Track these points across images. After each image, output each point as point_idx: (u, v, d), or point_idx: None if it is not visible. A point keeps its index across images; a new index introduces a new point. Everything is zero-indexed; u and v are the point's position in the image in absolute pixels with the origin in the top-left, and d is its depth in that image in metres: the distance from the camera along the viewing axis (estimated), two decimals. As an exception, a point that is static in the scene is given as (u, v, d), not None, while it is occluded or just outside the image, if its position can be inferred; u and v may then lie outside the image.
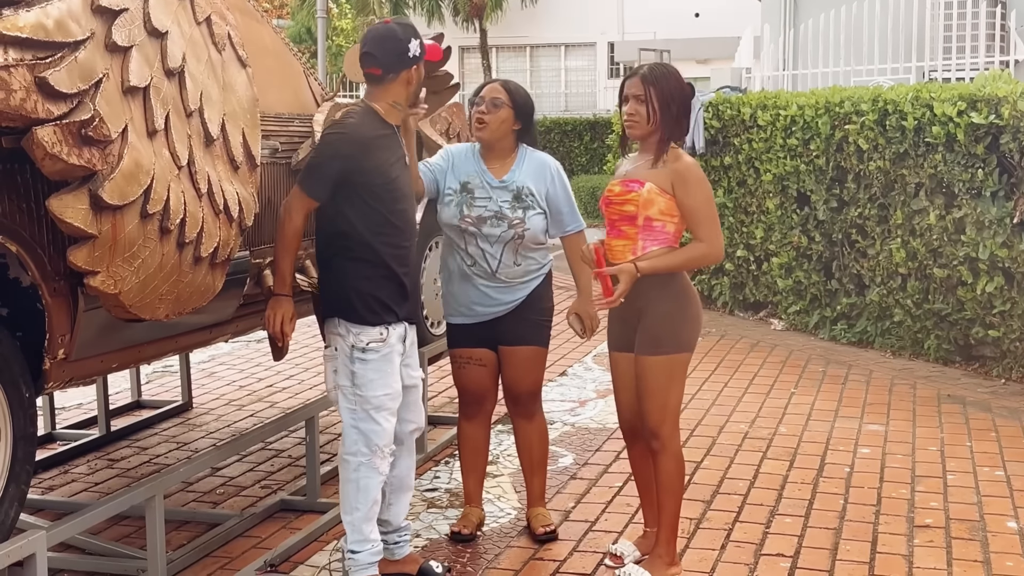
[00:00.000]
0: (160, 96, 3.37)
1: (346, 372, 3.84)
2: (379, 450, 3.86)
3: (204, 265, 3.57)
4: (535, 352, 4.47)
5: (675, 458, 4.02)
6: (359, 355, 3.81)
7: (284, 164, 4.53)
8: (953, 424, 6.08)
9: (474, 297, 4.41)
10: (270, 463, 5.58)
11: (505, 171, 4.36)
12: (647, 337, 3.96)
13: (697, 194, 3.90)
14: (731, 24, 23.57)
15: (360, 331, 3.81)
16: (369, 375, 3.82)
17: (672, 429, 4.01)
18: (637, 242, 3.94)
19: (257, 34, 4.61)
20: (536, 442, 4.61)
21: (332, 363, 3.90)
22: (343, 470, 3.91)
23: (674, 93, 3.94)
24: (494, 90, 4.36)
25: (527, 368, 4.47)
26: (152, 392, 6.99)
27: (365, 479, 3.86)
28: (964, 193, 7.02)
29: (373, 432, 3.84)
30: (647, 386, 3.97)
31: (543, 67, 32.62)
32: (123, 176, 3.10)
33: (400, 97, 3.93)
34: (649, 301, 3.94)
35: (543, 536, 4.48)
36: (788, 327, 8.74)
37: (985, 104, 6.82)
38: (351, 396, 3.85)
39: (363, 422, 3.84)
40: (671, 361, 3.96)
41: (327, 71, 16.09)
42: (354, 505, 3.88)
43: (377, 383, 3.83)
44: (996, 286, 6.84)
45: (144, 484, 3.88)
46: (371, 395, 3.83)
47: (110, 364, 3.76)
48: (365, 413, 3.84)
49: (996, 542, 4.44)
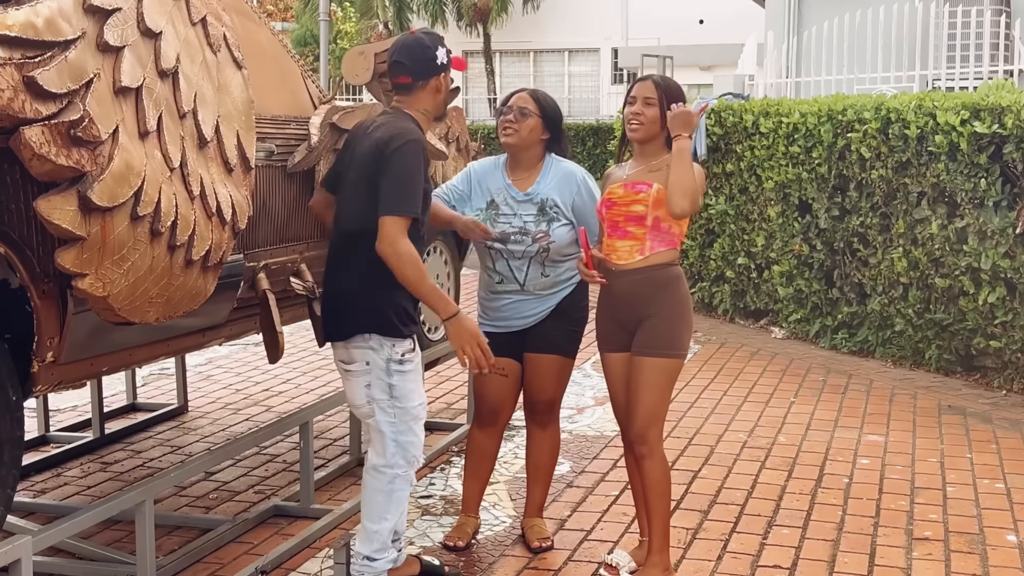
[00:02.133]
0: (153, 97, 3.33)
1: (383, 385, 3.78)
2: (416, 461, 3.87)
3: (196, 268, 3.52)
4: (560, 362, 4.40)
5: (662, 463, 4.04)
6: (397, 367, 3.77)
7: (280, 167, 4.49)
8: (953, 435, 6.04)
9: (506, 312, 4.36)
10: (264, 468, 5.53)
11: (530, 183, 4.32)
12: (650, 339, 3.98)
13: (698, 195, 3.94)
14: (735, 31, 23.55)
15: (395, 343, 3.75)
16: (408, 385, 3.79)
17: (658, 434, 4.03)
18: (645, 242, 3.98)
19: (254, 35, 4.58)
20: (547, 452, 4.55)
21: (363, 378, 3.82)
22: (375, 480, 3.85)
23: (677, 96, 4.03)
24: (522, 99, 4.31)
25: (550, 377, 4.40)
26: (148, 395, 6.95)
27: (399, 491, 3.85)
28: (966, 203, 6.98)
29: (411, 444, 3.83)
30: (642, 387, 3.98)
31: (546, 72, 32.61)
32: (113, 177, 3.06)
33: (429, 105, 3.92)
34: (656, 304, 3.97)
35: (538, 549, 4.42)
36: (789, 335, 8.70)
37: (988, 113, 6.78)
38: (390, 409, 3.80)
39: (403, 435, 3.81)
40: (670, 364, 3.99)
41: (330, 75, 16.03)
42: (383, 515, 3.85)
43: (414, 393, 3.82)
44: (998, 296, 6.80)
45: (134, 489, 3.84)
46: (410, 406, 3.81)
47: (100, 367, 3.72)
48: (405, 425, 3.81)
49: (995, 555, 4.40)
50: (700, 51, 26.17)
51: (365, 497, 3.89)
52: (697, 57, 26.07)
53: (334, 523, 4.68)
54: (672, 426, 6.20)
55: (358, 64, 4.87)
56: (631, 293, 4.00)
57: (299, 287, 4.57)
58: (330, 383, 7.28)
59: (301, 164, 4.54)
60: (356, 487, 5.20)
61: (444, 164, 5.98)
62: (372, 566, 3.88)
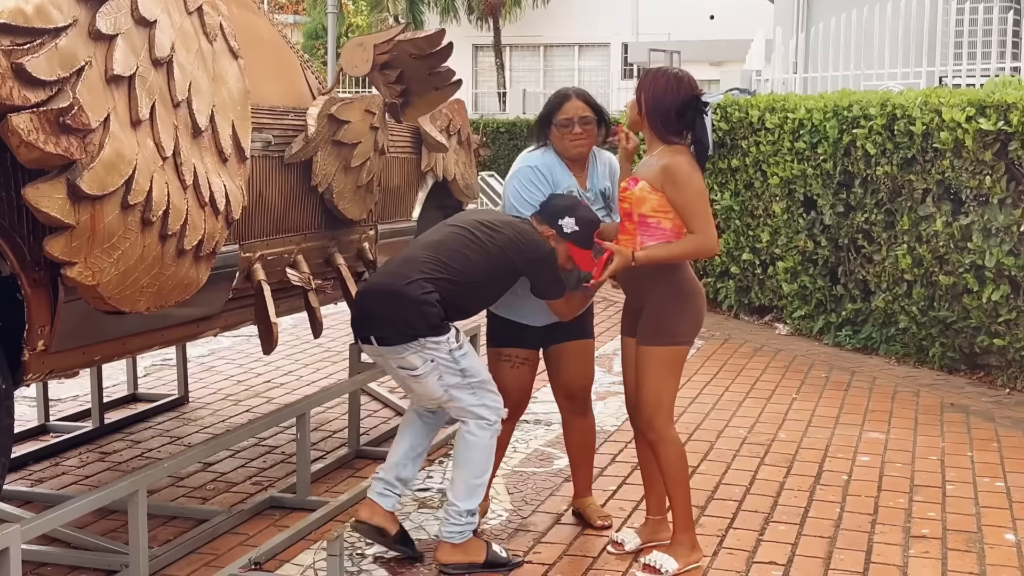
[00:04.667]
0: (146, 86, 3.31)
1: (454, 373, 4.07)
2: (503, 412, 4.19)
3: (188, 258, 3.51)
4: (590, 345, 4.60)
5: (674, 446, 4.15)
6: (459, 353, 4.06)
7: (277, 157, 4.48)
8: (955, 433, 6.00)
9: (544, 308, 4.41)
10: (262, 459, 5.53)
11: (585, 177, 4.44)
12: (647, 328, 4.12)
13: (685, 190, 4.00)
14: (745, 26, 23.48)
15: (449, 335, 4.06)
16: (472, 362, 4.12)
17: (666, 420, 4.14)
18: (636, 237, 4.08)
19: (252, 25, 4.56)
20: (591, 436, 4.74)
21: (432, 376, 4.07)
22: (475, 438, 4.13)
23: (657, 92, 4.08)
24: (580, 108, 4.35)
25: (586, 361, 4.58)
26: (149, 385, 6.95)
27: (494, 445, 4.19)
28: (971, 200, 6.94)
29: (495, 400, 4.15)
30: (643, 375, 4.13)
31: (556, 67, 32.57)
32: (103, 166, 3.05)
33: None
34: (651, 293, 4.11)
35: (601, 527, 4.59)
36: (792, 332, 8.67)
37: (994, 110, 6.74)
38: (468, 388, 4.10)
39: (487, 398, 4.13)
40: (668, 353, 4.10)
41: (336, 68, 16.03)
42: (485, 468, 4.17)
43: (477, 363, 4.15)
44: (1002, 294, 6.76)
45: (127, 478, 3.83)
46: (482, 376, 4.14)
47: (92, 356, 3.71)
48: (484, 391, 4.12)
49: (993, 554, 4.37)
50: (709, 46, 26.09)
51: (465, 456, 4.14)
52: (706, 52, 25.99)
53: (330, 515, 4.67)
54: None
55: (357, 56, 4.84)
56: (629, 283, 4.21)
57: (295, 278, 4.55)
58: (332, 375, 7.28)
59: (299, 155, 4.52)
60: (353, 479, 5.20)
61: (445, 157, 5.97)
62: (472, 521, 4.16)
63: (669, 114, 4.06)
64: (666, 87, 4.07)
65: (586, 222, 4.19)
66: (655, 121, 4.08)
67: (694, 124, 4.06)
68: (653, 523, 4.39)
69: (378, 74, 5.00)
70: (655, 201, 4.02)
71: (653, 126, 4.09)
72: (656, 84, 4.09)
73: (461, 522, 4.13)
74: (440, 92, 5.42)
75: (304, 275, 4.60)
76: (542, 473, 5.30)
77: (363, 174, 4.87)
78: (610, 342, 8.40)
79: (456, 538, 4.14)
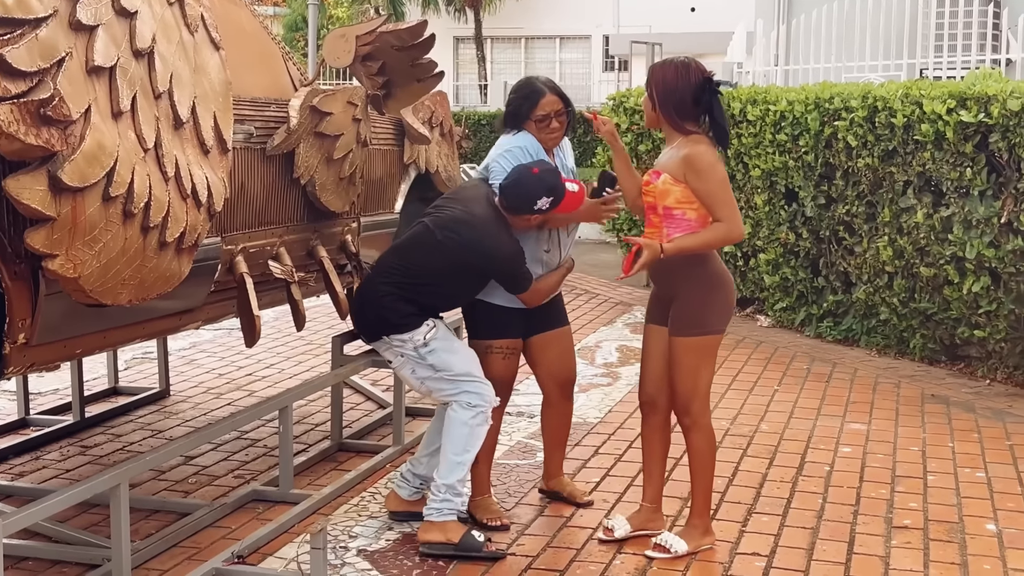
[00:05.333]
0: (127, 77, 3.29)
1: (425, 368, 4.24)
2: (493, 399, 4.26)
3: (170, 250, 3.49)
4: (569, 331, 4.73)
5: (706, 433, 4.25)
6: (425, 349, 4.21)
7: (259, 149, 4.46)
8: (936, 424, 6.03)
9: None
10: (245, 452, 5.51)
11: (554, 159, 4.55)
12: (679, 319, 4.18)
13: (709, 179, 4.06)
14: (726, 19, 23.48)
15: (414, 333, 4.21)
16: (443, 356, 4.22)
17: (702, 406, 4.22)
18: (662, 230, 4.14)
19: (234, 17, 4.54)
20: (569, 420, 4.84)
21: (406, 369, 4.30)
22: (459, 415, 4.23)
23: (669, 82, 4.12)
24: (554, 103, 4.44)
25: (570, 348, 4.71)
26: (130, 379, 6.92)
27: (480, 427, 4.25)
28: (952, 192, 6.97)
29: (481, 387, 4.24)
30: (677, 365, 4.19)
31: (538, 59, 32.54)
32: (84, 157, 3.03)
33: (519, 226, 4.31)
34: (682, 284, 4.17)
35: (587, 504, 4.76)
36: (774, 324, 8.69)
37: (975, 102, 6.76)
38: (443, 380, 4.25)
39: (468, 386, 4.22)
40: (701, 342, 4.17)
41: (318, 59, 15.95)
42: (467, 447, 4.25)
43: (454, 358, 4.24)
44: (982, 286, 6.79)
45: (109, 472, 3.81)
46: (458, 369, 4.23)
47: (74, 350, 3.69)
48: (463, 382, 4.22)
49: (974, 544, 4.39)
50: (690, 39, 26.03)
51: (449, 432, 4.24)
52: (687, 45, 25.85)
53: (312, 508, 4.66)
54: (655, 413, 6.18)
55: (339, 47, 4.83)
56: (660, 274, 4.27)
57: (278, 271, 4.53)
58: (314, 368, 7.26)
59: (281, 147, 4.50)
60: (336, 472, 5.19)
61: (427, 149, 5.95)
62: (453, 500, 4.24)
63: (686, 101, 4.10)
64: (676, 75, 4.12)
65: (552, 187, 4.23)
66: (670, 112, 4.12)
67: (711, 107, 4.13)
68: (647, 511, 4.43)
69: (360, 65, 4.99)
70: (679, 193, 4.08)
71: (669, 117, 4.13)
72: (666, 75, 4.14)
73: (439, 498, 4.24)
74: (422, 84, 5.41)
75: (287, 268, 4.58)
76: (525, 465, 5.30)
77: (345, 166, 4.85)
78: (592, 334, 8.41)
79: (435, 516, 4.24)
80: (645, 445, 4.47)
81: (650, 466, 4.45)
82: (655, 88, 4.14)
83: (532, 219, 4.29)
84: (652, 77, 4.17)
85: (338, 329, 6.21)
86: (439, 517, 4.23)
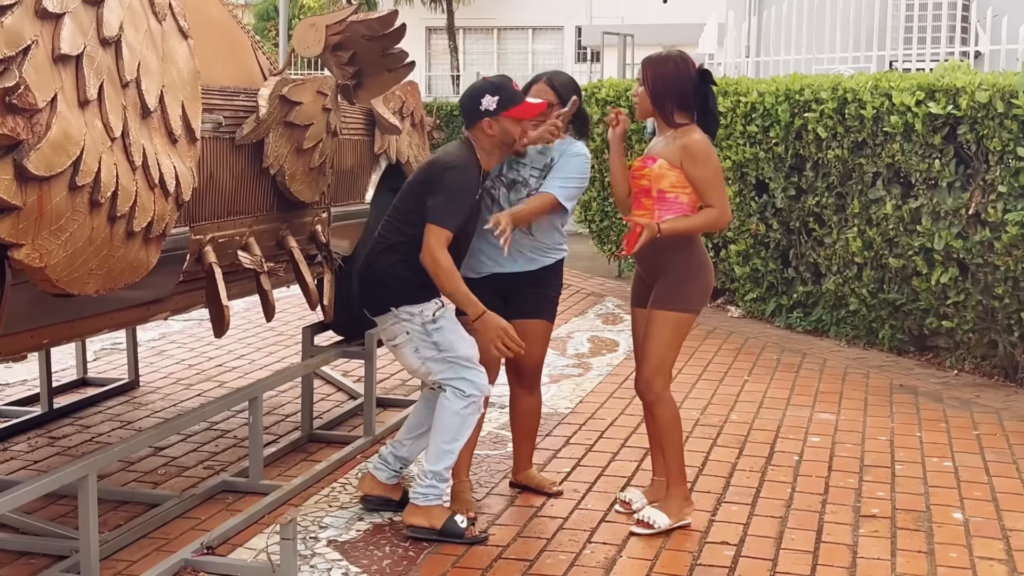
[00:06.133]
0: (94, 65, 3.26)
1: (428, 346, 4.24)
2: (486, 388, 4.29)
3: (137, 240, 3.47)
4: (545, 326, 4.72)
5: (670, 406, 4.43)
6: (432, 327, 4.23)
7: (228, 139, 4.43)
8: (904, 414, 6.07)
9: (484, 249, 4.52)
10: (214, 443, 5.49)
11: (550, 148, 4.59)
12: (661, 293, 4.38)
13: (705, 167, 4.28)
14: (698, 10, 23.52)
15: (422, 308, 4.23)
16: (449, 337, 4.24)
17: (665, 381, 4.41)
18: (654, 212, 4.34)
19: (202, 5, 4.51)
20: (536, 413, 4.86)
21: (408, 347, 4.28)
22: (451, 404, 4.25)
23: (669, 75, 4.31)
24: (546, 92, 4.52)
25: (540, 341, 4.69)
26: (99, 370, 6.88)
27: (471, 416, 4.27)
28: (921, 183, 7.01)
29: (476, 376, 4.26)
30: (650, 337, 4.38)
31: (510, 50, 32.49)
32: (51, 146, 3.01)
33: (485, 144, 4.28)
34: (668, 264, 4.37)
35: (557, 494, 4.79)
36: (745, 314, 8.73)
37: (943, 94, 6.80)
38: (444, 362, 4.25)
39: (465, 372, 4.24)
40: (679, 318, 4.37)
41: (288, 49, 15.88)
42: (456, 436, 4.27)
43: (458, 341, 4.25)
44: (950, 277, 6.83)
45: (77, 463, 3.79)
46: (460, 352, 4.24)
47: (41, 340, 3.67)
48: (462, 366, 4.24)
49: (941, 533, 4.43)
50: (662, 30, 26.10)
51: (441, 419, 4.27)
52: (659, 36, 25.96)
53: (283, 499, 4.65)
54: (626, 404, 6.21)
55: (309, 36, 4.80)
56: (647, 255, 4.40)
57: (247, 261, 4.51)
58: (285, 359, 7.24)
59: (250, 136, 4.48)
60: (306, 463, 5.18)
61: (398, 139, 5.94)
62: (439, 487, 4.28)
63: (688, 93, 4.30)
64: (677, 69, 4.31)
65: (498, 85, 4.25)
66: (668, 104, 4.30)
67: (707, 98, 4.32)
68: (659, 484, 4.59)
69: (330, 55, 4.96)
70: (674, 177, 4.29)
71: (665, 110, 4.31)
72: (666, 69, 4.31)
73: (425, 483, 4.27)
74: (393, 74, 5.39)
75: (256, 258, 4.56)
76: (496, 456, 5.30)
77: (315, 156, 4.83)
78: (564, 325, 8.42)
79: (420, 500, 4.28)
80: (648, 424, 4.61)
81: (654, 443, 4.62)
82: (656, 82, 4.31)
83: (491, 130, 4.23)
84: (652, 71, 4.33)
85: (308, 319, 6.20)
86: (424, 502, 4.27)
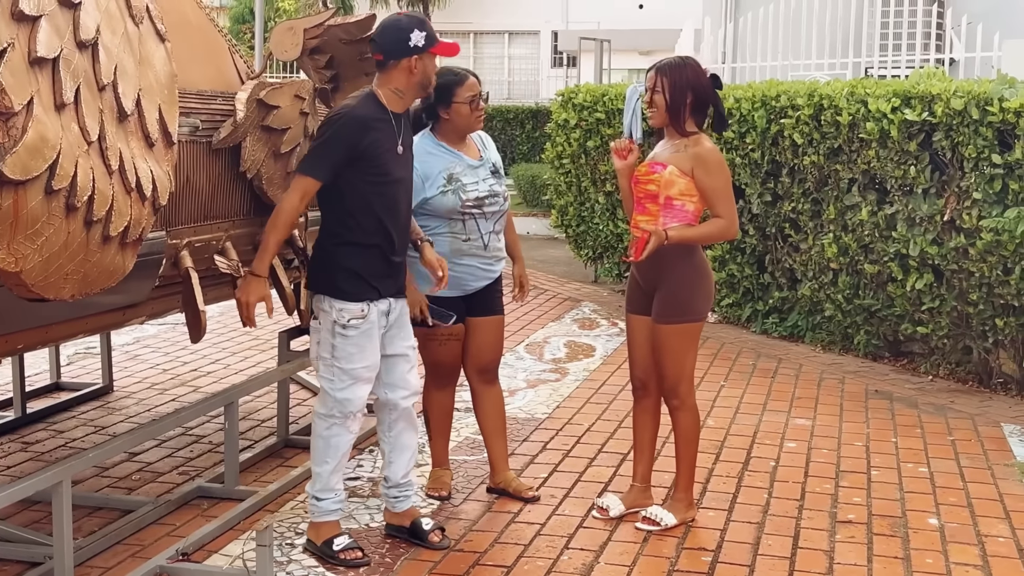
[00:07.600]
0: (71, 68, 3.23)
1: (327, 345, 4.09)
2: (353, 416, 4.14)
3: (113, 244, 3.44)
4: (502, 321, 4.81)
5: (692, 413, 4.49)
6: (340, 331, 4.06)
7: (205, 142, 4.41)
8: (879, 420, 6.10)
9: (466, 272, 4.59)
10: (189, 449, 5.46)
11: (474, 150, 4.66)
12: (665, 307, 4.38)
13: (717, 177, 4.30)
14: (674, 16, 23.53)
15: (343, 307, 4.05)
16: (349, 349, 4.07)
17: (688, 388, 4.46)
18: (659, 219, 4.32)
19: (179, 8, 4.49)
20: (500, 408, 4.88)
21: (316, 335, 4.16)
22: (316, 425, 4.17)
23: (688, 83, 4.31)
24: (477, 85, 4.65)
25: (498, 336, 4.79)
26: (72, 374, 6.83)
27: (336, 437, 4.15)
28: (896, 190, 7.04)
29: (348, 401, 4.10)
30: (664, 351, 4.40)
31: (487, 54, 32.47)
32: (26, 150, 2.97)
33: (402, 85, 4.13)
34: (669, 272, 4.36)
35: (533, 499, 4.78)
36: (721, 320, 8.75)
37: (919, 101, 6.84)
38: (330, 367, 4.10)
39: (340, 391, 4.10)
40: (687, 328, 4.39)
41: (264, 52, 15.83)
42: (324, 459, 4.16)
43: (356, 356, 4.08)
44: (926, 283, 6.87)
45: (51, 469, 3.76)
46: (349, 367, 4.08)
47: (15, 344, 3.63)
48: (343, 384, 4.09)
49: (917, 539, 4.44)
50: (639, 36, 26.15)
51: (312, 441, 4.22)
52: (636, 41, 26.06)
53: (258, 505, 4.63)
54: (602, 409, 6.21)
55: (287, 40, 4.77)
56: (648, 264, 4.34)
57: (224, 266, 4.49)
58: (261, 364, 7.21)
59: (227, 140, 4.45)
60: (283, 469, 5.15)
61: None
62: (319, 505, 4.19)
63: (705, 100, 4.34)
64: (695, 75, 4.32)
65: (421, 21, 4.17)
66: (683, 111, 4.29)
67: (716, 102, 4.37)
68: (638, 490, 4.62)
69: (308, 59, 4.94)
70: (683, 185, 4.28)
71: (680, 117, 4.30)
72: (685, 76, 4.29)
73: (311, 502, 4.24)
74: (370, 77, 5.35)
75: (233, 262, 4.53)
76: (473, 461, 5.29)
77: (293, 160, 4.81)
78: (540, 330, 8.42)
79: (311, 516, 4.26)
80: (636, 426, 4.65)
81: (641, 447, 4.64)
82: (674, 89, 4.28)
83: (415, 69, 4.09)
84: (670, 78, 4.30)
85: (285, 324, 6.17)
86: (314, 518, 4.24)
